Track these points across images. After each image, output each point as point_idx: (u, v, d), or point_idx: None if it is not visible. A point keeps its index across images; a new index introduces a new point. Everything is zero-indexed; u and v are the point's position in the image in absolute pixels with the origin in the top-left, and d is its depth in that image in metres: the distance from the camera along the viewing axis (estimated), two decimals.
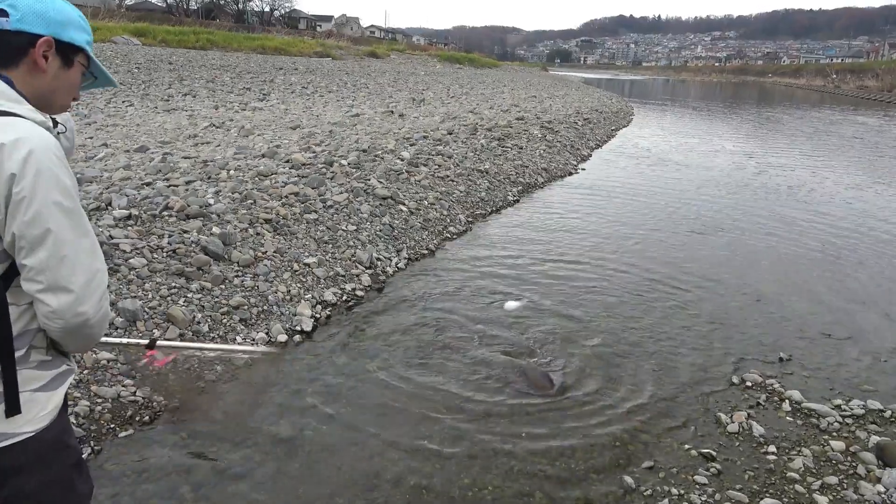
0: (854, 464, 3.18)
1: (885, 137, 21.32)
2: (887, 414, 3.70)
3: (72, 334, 1.32)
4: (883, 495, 2.93)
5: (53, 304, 1.26)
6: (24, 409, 1.29)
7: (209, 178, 6.55)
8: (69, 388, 1.47)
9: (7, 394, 1.27)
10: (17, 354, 1.29)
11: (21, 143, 1.20)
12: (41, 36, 1.33)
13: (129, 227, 4.85)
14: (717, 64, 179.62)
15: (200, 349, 2.26)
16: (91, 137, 8.90)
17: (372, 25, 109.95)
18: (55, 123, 1.44)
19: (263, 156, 7.90)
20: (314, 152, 8.36)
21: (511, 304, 5.18)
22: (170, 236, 4.84)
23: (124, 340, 2.16)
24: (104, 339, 1.89)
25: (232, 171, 6.84)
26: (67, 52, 1.40)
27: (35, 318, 1.31)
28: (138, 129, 10.06)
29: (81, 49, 1.43)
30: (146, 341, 2.18)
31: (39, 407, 1.32)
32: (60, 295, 1.26)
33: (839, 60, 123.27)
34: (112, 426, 3.11)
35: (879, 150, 17.64)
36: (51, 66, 1.37)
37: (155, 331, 3.72)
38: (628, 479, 3.01)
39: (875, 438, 3.38)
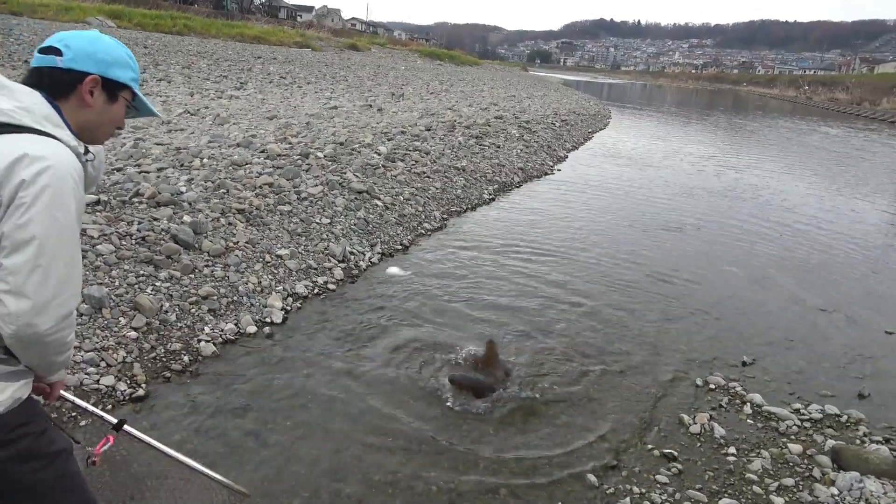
0: (810, 466, 3.27)
1: (848, 147, 21.86)
2: (844, 419, 3.80)
3: (22, 344, 1.35)
4: (836, 497, 3.01)
5: (11, 307, 1.30)
6: None
7: (182, 165, 6.46)
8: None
9: None
10: None
11: (43, 159, 1.32)
12: (89, 74, 1.49)
13: (98, 213, 4.76)
14: (693, 71, 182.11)
15: (168, 456, 2.01)
16: None
17: (353, 18, 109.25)
18: (86, 151, 1.52)
19: (238, 145, 7.80)
20: (290, 143, 8.28)
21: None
22: (139, 223, 4.76)
23: (91, 408, 1.96)
24: (70, 397, 1.88)
25: (205, 160, 6.75)
26: (113, 88, 1.56)
27: None
28: None
29: (126, 86, 1.59)
30: (114, 421, 1.95)
31: None
32: (21, 300, 1.30)
33: (812, 72, 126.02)
34: None
35: (844, 160, 18.08)
36: (96, 100, 1.52)
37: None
38: (592, 478, 3.05)
39: (831, 442, 3.47)
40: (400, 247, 6.40)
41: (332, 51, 44.41)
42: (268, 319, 4.41)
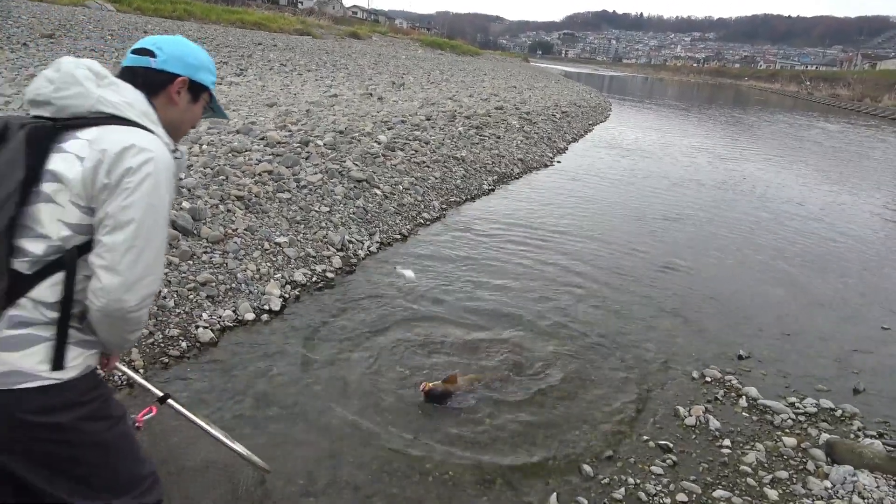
0: (804, 460, 3.29)
1: (846, 143, 21.85)
2: (838, 413, 3.82)
3: (107, 318, 1.48)
4: (829, 490, 3.04)
5: (105, 281, 1.43)
6: (42, 364, 1.44)
7: (176, 150, 6.43)
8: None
9: (58, 344, 1.45)
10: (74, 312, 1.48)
11: (147, 151, 1.46)
12: (179, 75, 1.65)
13: None
14: (695, 65, 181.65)
15: (203, 430, 2.21)
16: None
17: (354, 5, 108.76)
18: (175, 148, 1.67)
19: (238, 132, 7.78)
20: (290, 131, 8.26)
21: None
22: None
23: (140, 380, 2.15)
24: (124, 368, 2.05)
25: (205, 146, 6.73)
26: (197, 90, 1.72)
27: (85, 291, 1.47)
28: None
29: (207, 88, 1.75)
30: (160, 394, 2.15)
31: (72, 358, 1.49)
32: (114, 276, 1.43)
33: (814, 68, 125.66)
34: None
35: (842, 156, 18.08)
36: (182, 100, 1.68)
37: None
38: (587, 468, 3.07)
39: (825, 436, 3.49)
40: (399, 236, 6.40)
41: (333, 38, 44.19)
42: (266, 307, 4.41)
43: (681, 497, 2.91)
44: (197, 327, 3.95)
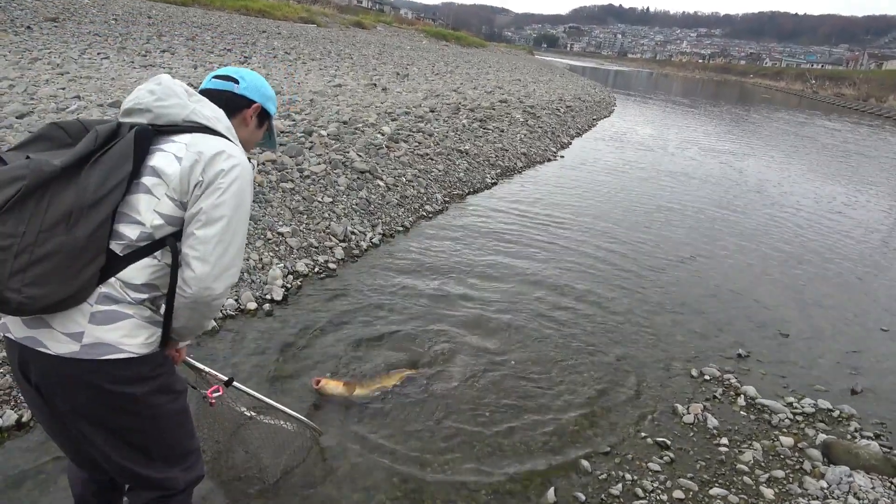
0: (801, 459, 3.31)
1: (851, 143, 21.81)
2: (836, 414, 3.84)
3: (195, 303, 1.64)
4: (825, 490, 3.06)
5: (197, 270, 1.60)
6: (139, 335, 1.61)
7: None
8: None
9: (140, 321, 1.62)
10: (149, 296, 1.64)
11: (236, 157, 1.66)
12: (255, 102, 1.90)
13: None
14: (700, 61, 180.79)
15: (269, 405, 2.54)
16: (63, 88, 8.64)
17: None
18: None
19: None
20: (294, 120, 8.25)
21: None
22: None
23: (205, 368, 2.31)
24: (192, 360, 2.24)
25: None
26: (263, 117, 1.97)
27: (166, 276, 1.64)
28: (113, 83, 9.78)
29: (271, 116, 2.00)
30: (225, 378, 2.34)
31: (148, 335, 1.65)
32: (205, 265, 1.60)
33: (819, 66, 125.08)
34: None
35: (847, 157, 18.05)
36: (252, 123, 1.93)
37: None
38: (585, 463, 3.09)
39: (822, 436, 3.52)
40: (401, 228, 6.40)
41: (338, 27, 44.00)
42: (268, 296, 4.42)
43: (678, 494, 2.94)
44: None
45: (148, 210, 1.58)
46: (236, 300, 4.25)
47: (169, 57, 14.62)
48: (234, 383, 2.39)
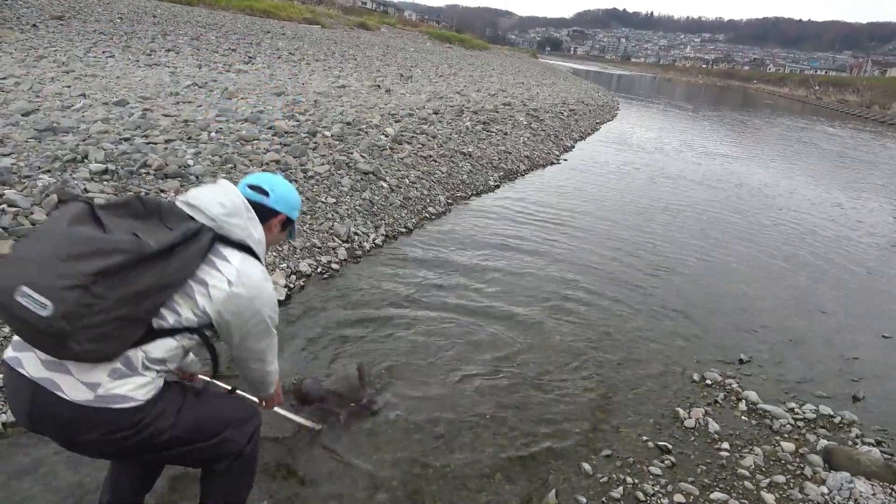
0: (802, 465, 3.31)
1: (854, 150, 21.80)
2: (837, 420, 3.85)
3: (257, 390, 2.32)
4: (826, 496, 3.06)
5: (259, 366, 2.16)
6: (146, 387, 1.79)
7: (189, 138, 6.45)
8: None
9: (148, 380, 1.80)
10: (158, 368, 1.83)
11: (267, 300, 1.95)
12: (281, 213, 2.14)
13: (105, 182, 4.77)
14: (704, 66, 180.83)
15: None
16: (69, 86, 8.67)
17: None
18: None
19: (246, 120, 7.79)
20: (298, 121, 8.27)
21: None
22: (146, 194, 4.77)
23: (296, 418, 2.94)
24: (281, 411, 2.87)
25: (213, 134, 6.74)
26: (287, 223, 2.20)
27: (179, 356, 1.89)
28: (118, 81, 9.82)
29: (293, 222, 2.24)
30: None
31: (155, 387, 1.84)
32: (259, 373, 2.20)
33: (823, 73, 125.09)
34: None
35: (849, 162, 18.04)
36: (276, 229, 2.17)
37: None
38: (586, 466, 3.09)
39: (823, 442, 3.52)
40: (404, 230, 6.42)
41: (342, 28, 44.08)
42: None
43: (678, 498, 2.94)
44: None
45: (186, 309, 1.80)
46: None
47: (174, 56, 14.67)
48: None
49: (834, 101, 61.76)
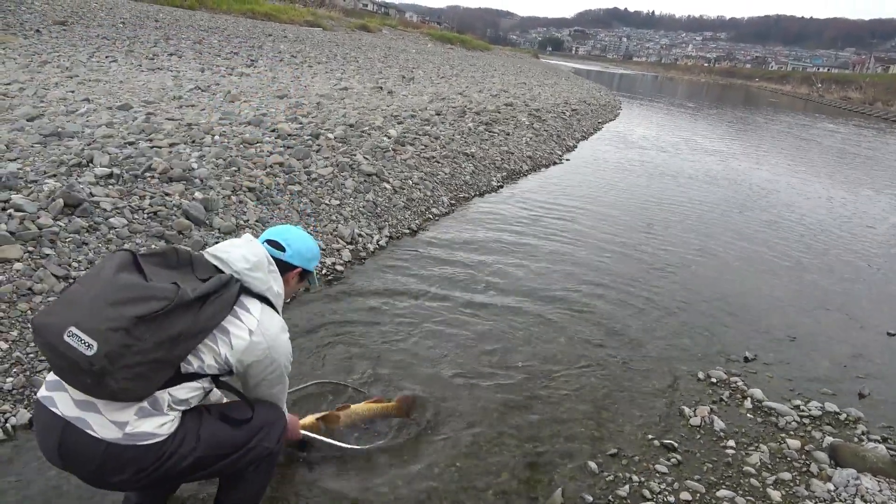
0: (808, 462, 3.32)
1: (856, 146, 21.75)
2: (843, 417, 3.85)
3: None
4: (832, 493, 3.06)
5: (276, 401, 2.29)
6: (169, 423, 1.91)
7: (193, 141, 6.48)
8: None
9: (172, 419, 1.93)
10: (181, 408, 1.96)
11: (282, 352, 2.12)
12: (297, 267, 2.29)
13: (111, 186, 4.79)
14: (706, 64, 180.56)
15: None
16: (72, 91, 8.71)
17: None
18: None
19: (249, 123, 7.81)
20: (301, 123, 8.29)
21: None
22: (151, 198, 4.80)
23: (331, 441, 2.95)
24: (311, 434, 2.89)
25: (217, 137, 6.77)
26: (304, 274, 2.36)
27: (199, 397, 2.01)
28: (121, 86, 9.86)
29: (311, 272, 2.40)
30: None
31: (175, 423, 1.94)
32: (281, 406, 2.33)
33: (825, 70, 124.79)
34: None
35: (853, 159, 18.00)
36: (293, 281, 2.33)
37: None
38: (592, 465, 3.10)
39: (829, 439, 3.52)
40: (408, 231, 6.43)
41: (343, 31, 44.11)
42: None
43: (685, 496, 2.95)
44: None
45: (208, 356, 1.93)
46: None
47: (176, 60, 14.71)
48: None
49: (837, 98, 61.61)
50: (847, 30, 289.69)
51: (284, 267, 2.24)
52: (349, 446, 2.96)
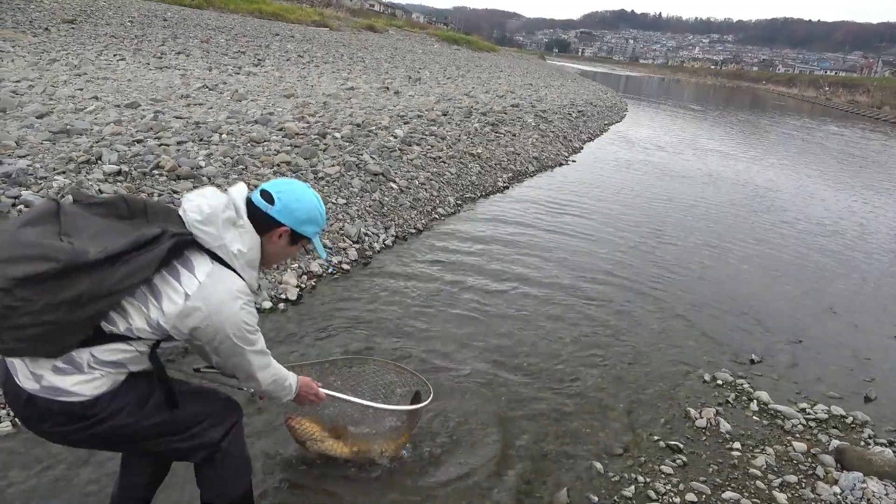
0: (814, 465, 3.31)
1: (866, 150, 21.66)
2: (849, 420, 3.84)
3: (268, 394, 2.19)
4: (839, 496, 3.06)
5: (253, 385, 2.09)
6: (93, 383, 1.76)
7: (201, 140, 6.51)
8: None
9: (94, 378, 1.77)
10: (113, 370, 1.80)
11: (222, 317, 1.79)
12: (283, 225, 1.95)
13: (119, 184, 4.82)
14: (713, 67, 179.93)
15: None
16: (81, 89, 8.75)
17: None
18: (257, 289, 1.99)
19: (256, 122, 7.84)
20: (308, 123, 8.32)
21: None
22: (159, 195, 4.82)
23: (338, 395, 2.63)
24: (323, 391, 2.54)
25: (224, 135, 6.79)
26: (297, 237, 2.00)
27: (138, 361, 1.83)
28: (129, 84, 9.90)
29: (307, 237, 2.04)
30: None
31: (104, 383, 1.80)
32: (254, 382, 2.06)
33: (833, 73, 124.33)
34: None
35: (865, 165, 17.93)
36: (280, 242, 1.98)
37: None
38: (598, 465, 3.10)
39: (836, 442, 3.51)
40: (414, 230, 6.44)
41: (350, 31, 44.18)
42: (283, 296, 4.47)
43: (690, 497, 2.94)
44: None
45: (138, 316, 1.74)
46: None
47: (184, 59, 14.77)
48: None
49: (844, 102, 61.30)
50: (855, 33, 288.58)
51: (269, 223, 1.94)
52: (369, 403, 2.64)
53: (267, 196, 1.94)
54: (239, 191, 1.95)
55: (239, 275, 1.85)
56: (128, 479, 2.21)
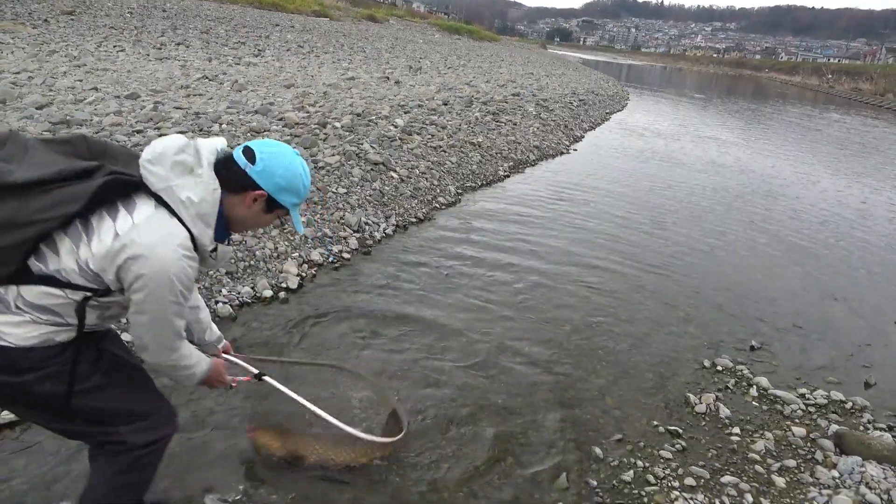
0: (813, 449, 3.32)
1: (865, 137, 21.58)
2: (848, 405, 3.85)
3: (157, 369, 1.90)
4: (837, 480, 3.07)
5: (142, 354, 1.82)
6: (22, 329, 1.67)
7: (201, 130, 6.50)
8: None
9: (22, 321, 1.68)
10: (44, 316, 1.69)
11: (152, 265, 1.62)
12: (260, 188, 1.79)
13: None
14: (715, 55, 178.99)
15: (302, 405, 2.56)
16: (80, 80, 8.74)
17: None
18: (214, 248, 1.83)
19: (256, 112, 7.83)
20: (308, 112, 8.30)
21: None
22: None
23: (237, 360, 2.46)
24: (228, 357, 2.44)
25: (224, 126, 6.79)
26: (274, 204, 1.84)
27: (71, 310, 1.70)
28: (129, 75, 9.89)
29: (284, 208, 1.87)
30: (256, 372, 2.49)
31: (37, 332, 1.70)
32: (145, 352, 1.80)
33: (836, 61, 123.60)
34: None
35: (867, 152, 17.86)
36: (255, 207, 1.83)
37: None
38: (597, 450, 3.12)
39: (835, 427, 3.52)
40: (414, 220, 6.44)
41: (350, 21, 44.01)
42: (283, 285, 4.48)
43: (689, 481, 2.96)
44: (216, 302, 4.02)
45: (68, 255, 1.64)
46: (252, 288, 4.30)
47: (184, 50, 14.73)
48: (265, 378, 2.50)
49: (847, 89, 60.94)
50: (858, 20, 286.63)
51: (245, 183, 1.78)
52: (308, 404, 2.57)
53: (249, 154, 1.79)
54: (210, 141, 1.82)
55: (186, 227, 1.69)
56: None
